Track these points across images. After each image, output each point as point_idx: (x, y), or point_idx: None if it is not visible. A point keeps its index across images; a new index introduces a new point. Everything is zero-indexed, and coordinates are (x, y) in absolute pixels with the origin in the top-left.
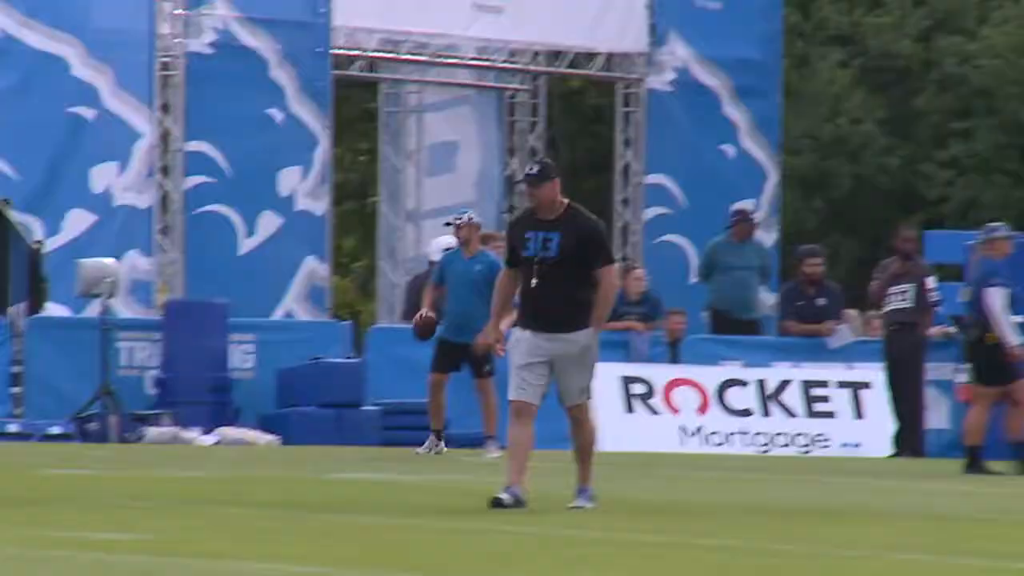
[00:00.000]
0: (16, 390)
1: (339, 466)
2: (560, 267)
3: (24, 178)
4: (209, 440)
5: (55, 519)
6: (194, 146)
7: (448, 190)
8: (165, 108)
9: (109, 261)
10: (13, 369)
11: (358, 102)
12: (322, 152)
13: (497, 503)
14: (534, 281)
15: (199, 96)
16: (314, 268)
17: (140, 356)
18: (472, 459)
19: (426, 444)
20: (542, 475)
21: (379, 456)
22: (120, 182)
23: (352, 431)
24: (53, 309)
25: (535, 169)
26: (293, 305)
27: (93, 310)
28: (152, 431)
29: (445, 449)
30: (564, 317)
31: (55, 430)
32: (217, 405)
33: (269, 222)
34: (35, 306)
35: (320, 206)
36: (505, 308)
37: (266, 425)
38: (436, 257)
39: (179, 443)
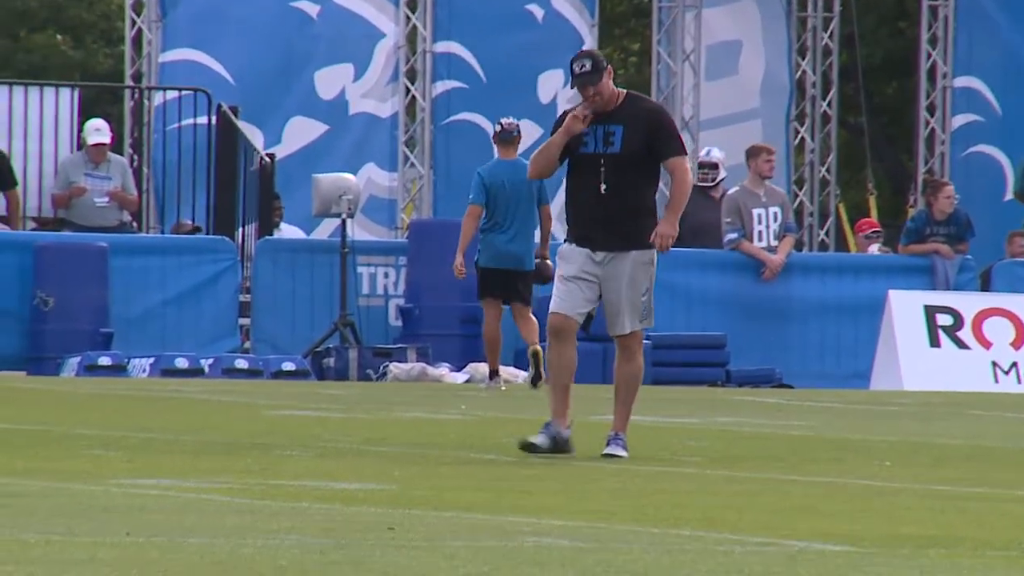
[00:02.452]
0: (245, 322)
1: (605, 407)
2: (625, 164)
3: (239, 83)
4: (460, 378)
5: (287, 466)
6: (444, 47)
7: (729, 96)
8: (412, 4)
9: (348, 176)
10: (242, 298)
11: None
12: None
13: (528, 447)
14: (601, 186)
15: None
16: None
17: (382, 283)
18: (751, 399)
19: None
20: (818, 415)
21: (649, 396)
22: (356, 88)
23: None
24: (286, 230)
25: (587, 65)
26: (554, 225)
27: (324, 231)
28: (396, 368)
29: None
30: (624, 229)
31: (288, 366)
32: (469, 338)
33: (528, 132)
34: (266, 227)
35: None
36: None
37: (523, 361)
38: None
39: (426, 381)
